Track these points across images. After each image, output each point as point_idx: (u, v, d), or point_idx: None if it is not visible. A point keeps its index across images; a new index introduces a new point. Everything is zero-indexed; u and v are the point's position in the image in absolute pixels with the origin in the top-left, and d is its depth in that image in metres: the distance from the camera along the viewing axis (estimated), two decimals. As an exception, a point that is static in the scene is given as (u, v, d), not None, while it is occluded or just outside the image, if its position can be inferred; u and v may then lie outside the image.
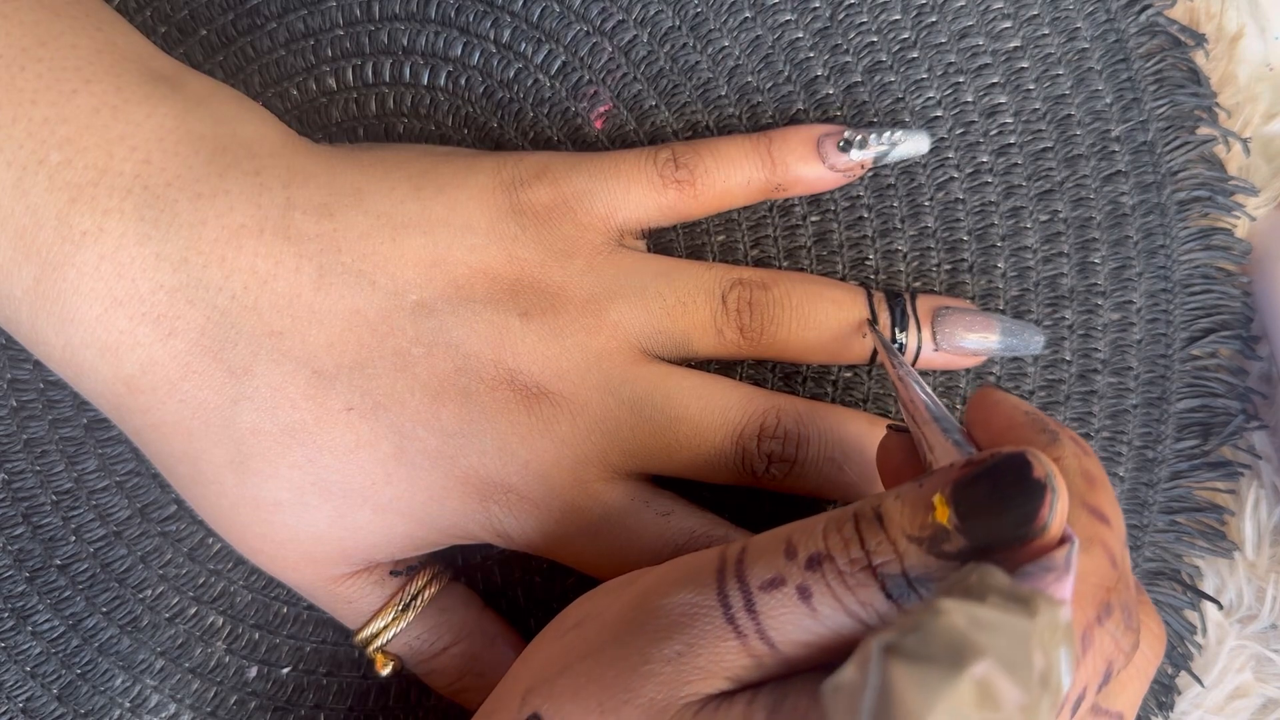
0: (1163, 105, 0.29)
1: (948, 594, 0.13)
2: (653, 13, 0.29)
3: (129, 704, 0.29)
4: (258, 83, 0.29)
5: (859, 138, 0.27)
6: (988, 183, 0.29)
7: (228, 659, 0.29)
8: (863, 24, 0.29)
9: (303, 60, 0.29)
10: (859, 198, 0.29)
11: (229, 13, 0.29)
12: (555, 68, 0.29)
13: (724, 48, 0.29)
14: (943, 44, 0.29)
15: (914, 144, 0.28)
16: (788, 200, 0.29)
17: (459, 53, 0.29)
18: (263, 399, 0.23)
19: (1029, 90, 0.29)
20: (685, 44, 0.29)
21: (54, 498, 0.29)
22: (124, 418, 0.24)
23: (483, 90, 0.29)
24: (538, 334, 0.25)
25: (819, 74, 0.29)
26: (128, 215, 0.22)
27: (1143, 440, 0.30)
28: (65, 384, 0.28)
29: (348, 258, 0.24)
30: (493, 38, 0.29)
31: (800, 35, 0.29)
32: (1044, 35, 0.29)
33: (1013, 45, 0.29)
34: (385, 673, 0.27)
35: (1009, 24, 0.29)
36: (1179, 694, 0.30)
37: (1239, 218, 0.30)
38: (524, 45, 0.29)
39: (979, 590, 0.13)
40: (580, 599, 0.22)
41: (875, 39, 0.29)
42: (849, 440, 0.27)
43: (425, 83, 0.29)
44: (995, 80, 0.29)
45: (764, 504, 0.29)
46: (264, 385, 0.23)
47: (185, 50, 0.29)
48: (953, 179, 0.29)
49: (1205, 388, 0.30)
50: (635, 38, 0.29)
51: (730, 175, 0.27)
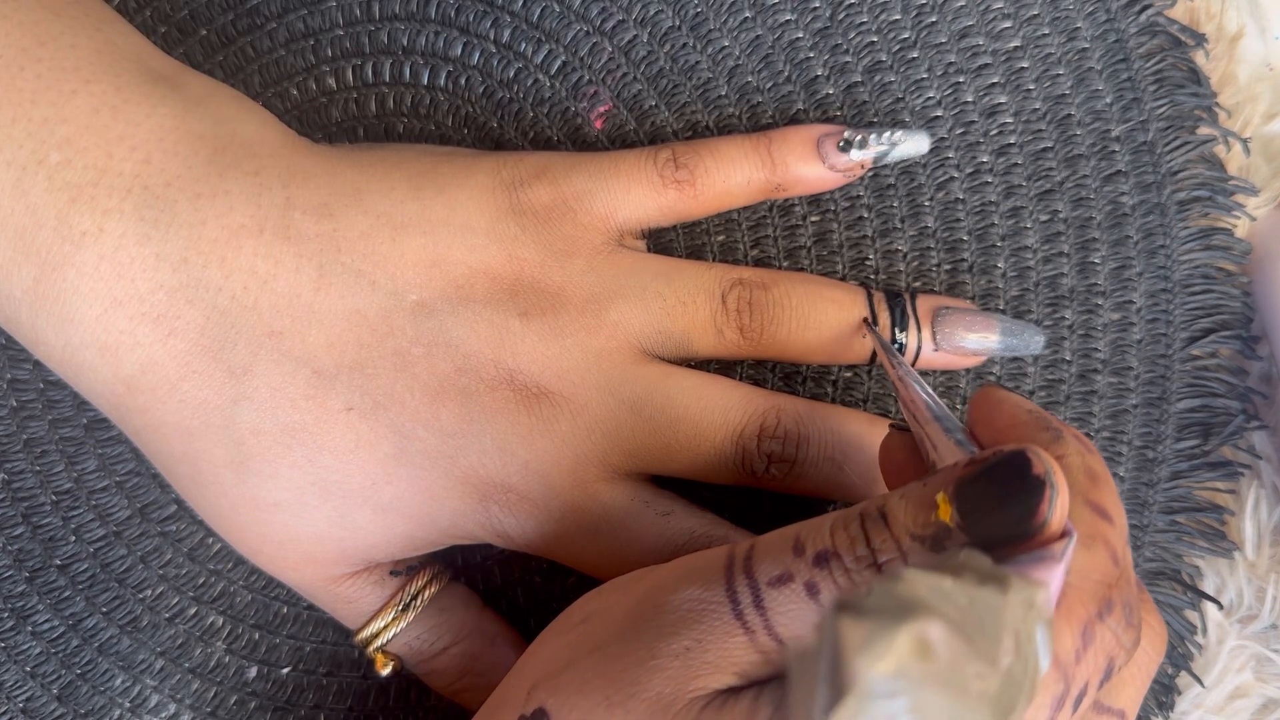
0: (1163, 105, 0.29)
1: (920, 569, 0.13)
2: (653, 13, 0.29)
3: (129, 704, 0.29)
4: (258, 83, 0.29)
5: (859, 138, 0.27)
6: (988, 183, 0.29)
7: (227, 659, 0.29)
8: (863, 24, 0.29)
9: (302, 60, 0.29)
10: (859, 198, 0.29)
11: (229, 13, 0.29)
12: (555, 68, 0.29)
13: (724, 48, 0.29)
14: (943, 44, 0.29)
15: (914, 144, 0.28)
16: (788, 200, 0.29)
17: (459, 53, 0.29)
18: (262, 399, 0.23)
19: (1029, 90, 0.29)
20: (685, 44, 0.29)
21: (54, 498, 0.29)
22: (124, 418, 0.24)
23: (483, 90, 0.29)
24: (538, 334, 0.25)
25: (819, 74, 0.29)
26: (127, 215, 0.22)
27: (1143, 440, 0.30)
28: (65, 384, 0.28)
29: (347, 258, 0.24)
30: (493, 38, 0.29)
31: (800, 35, 0.29)
32: (1044, 35, 0.29)
33: (1013, 45, 0.29)
34: (385, 673, 0.27)
35: (1009, 24, 0.29)
36: (1179, 694, 0.30)
37: (1239, 218, 0.30)
38: (524, 45, 0.29)
39: (956, 569, 0.13)
40: (587, 595, 0.22)
41: (875, 39, 0.29)
42: (849, 440, 0.27)
43: (425, 83, 0.29)
44: (995, 80, 0.29)
45: (764, 504, 0.29)
46: (264, 385, 0.23)
47: (185, 50, 0.29)
48: (953, 179, 0.29)
49: (1205, 388, 0.30)
50: (635, 38, 0.29)
51: (730, 175, 0.27)
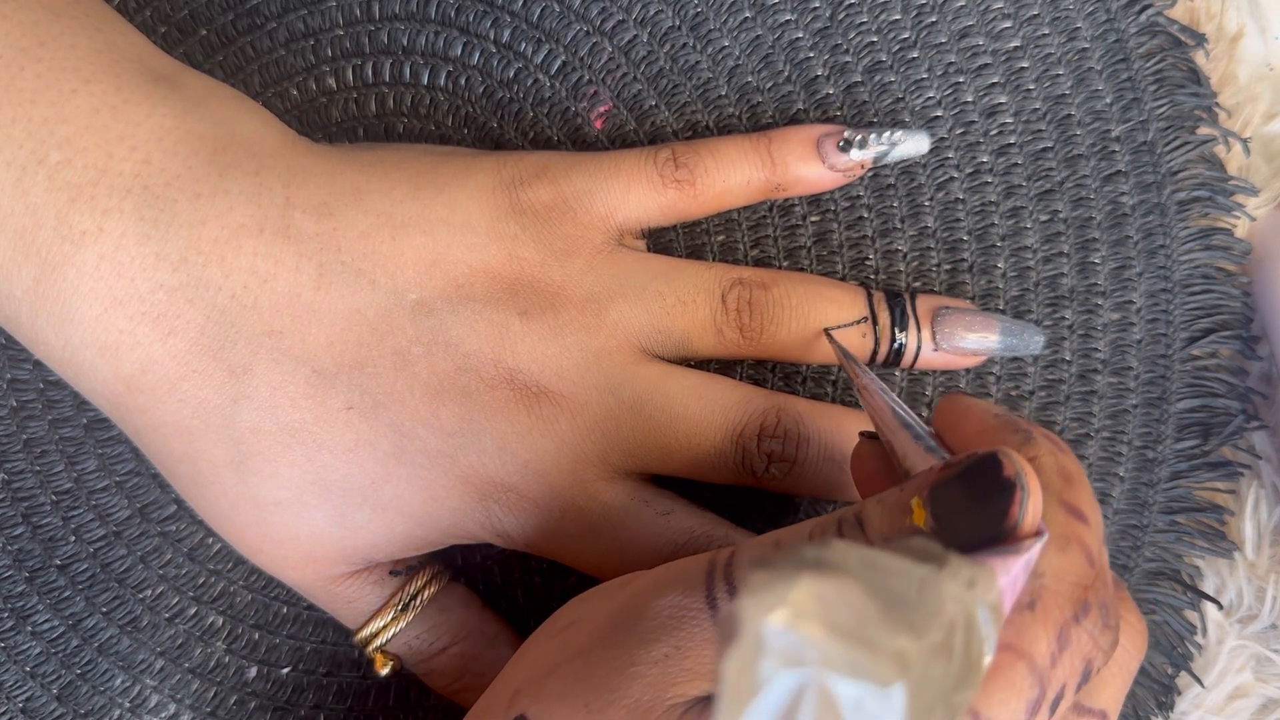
0: (1163, 105, 0.29)
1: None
2: (653, 12, 0.29)
3: (129, 704, 0.29)
4: (258, 82, 0.29)
5: (859, 138, 0.27)
6: (988, 183, 0.29)
7: (227, 659, 0.29)
8: (863, 24, 0.29)
9: (303, 60, 0.29)
10: (859, 198, 0.29)
11: (229, 12, 0.29)
12: (555, 68, 0.29)
13: (724, 47, 0.29)
14: (943, 44, 0.29)
15: (914, 144, 0.28)
16: (787, 200, 0.29)
17: (459, 53, 0.29)
18: (262, 398, 0.23)
19: (1029, 90, 0.29)
20: (685, 44, 0.29)
21: (54, 498, 0.29)
22: (123, 417, 0.24)
23: (483, 90, 0.29)
24: (537, 333, 0.25)
25: (819, 74, 0.29)
26: (127, 215, 0.22)
27: (1143, 440, 0.30)
28: (65, 384, 0.28)
29: (347, 257, 0.24)
30: (493, 38, 0.29)
31: (800, 35, 0.29)
32: (1044, 35, 0.29)
33: (1013, 45, 0.29)
34: (384, 672, 0.27)
35: (1009, 24, 0.29)
36: (1179, 694, 0.30)
37: (1239, 218, 0.30)
38: (524, 45, 0.29)
39: (900, 549, 0.13)
40: (572, 601, 0.22)
41: (875, 39, 0.29)
42: (849, 440, 0.27)
43: (425, 83, 0.29)
44: (995, 80, 0.29)
45: (764, 504, 0.29)
46: (264, 384, 0.23)
47: (185, 50, 0.29)
48: (953, 179, 0.29)
49: (1205, 388, 0.30)
50: (635, 37, 0.29)
51: (730, 175, 0.27)
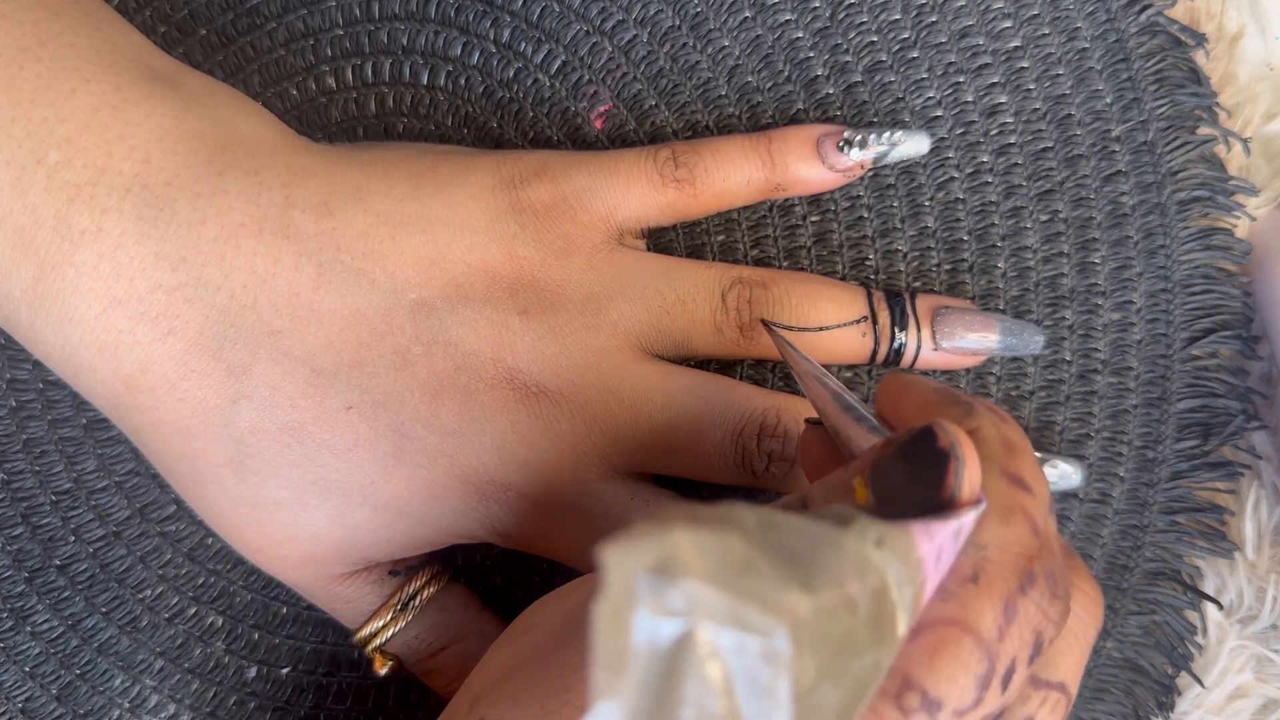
0: (1163, 105, 0.29)
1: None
2: (653, 12, 0.29)
3: (128, 704, 0.29)
4: (257, 82, 0.29)
5: (859, 138, 0.27)
6: (988, 183, 0.29)
7: (227, 659, 0.29)
8: (863, 23, 0.29)
9: (302, 60, 0.29)
10: (859, 197, 0.29)
11: (228, 12, 0.29)
12: (555, 67, 0.29)
13: (724, 47, 0.29)
14: (943, 44, 0.29)
15: (914, 144, 0.28)
16: (787, 200, 0.29)
17: (459, 52, 0.29)
18: (262, 398, 0.23)
19: (1029, 90, 0.29)
20: (685, 43, 0.29)
21: (53, 498, 0.29)
22: (123, 417, 0.24)
23: (482, 90, 0.29)
24: (537, 333, 0.25)
25: (819, 74, 0.29)
26: (126, 214, 0.22)
27: (1143, 440, 0.29)
28: (64, 384, 0.28)
29: (347, 256, 0.24)
30: (492, 37, 0.29)
31: (800, 35, 0.29)
32: (1044, 35, 0.29)
33: (1013, 45, 0.29)
34: (383, 673, 0.27)
35: (1009, 23, 0.29)
36: (1179, 694, 0.30)
37: (1239, 218, 0.30)
38: (524, 45, 0.29)
39: (815, 515, 0.13)
40: (533, 605, 0.22)
41: (875, 39, 0.29)
42: (849, 440, 0.26)
43: (425, 82, 0.29)
44: (995, 80, 0.29)
45: (764, 504, 0.29)
46: (263, 384, 0.23)
47: (185, 50, 0.29)
48: (953, 179, 0.29)
49: (1206, 388, 0.30)
50: (635, 37, 0.29)
51: (730, 175, 0.27)
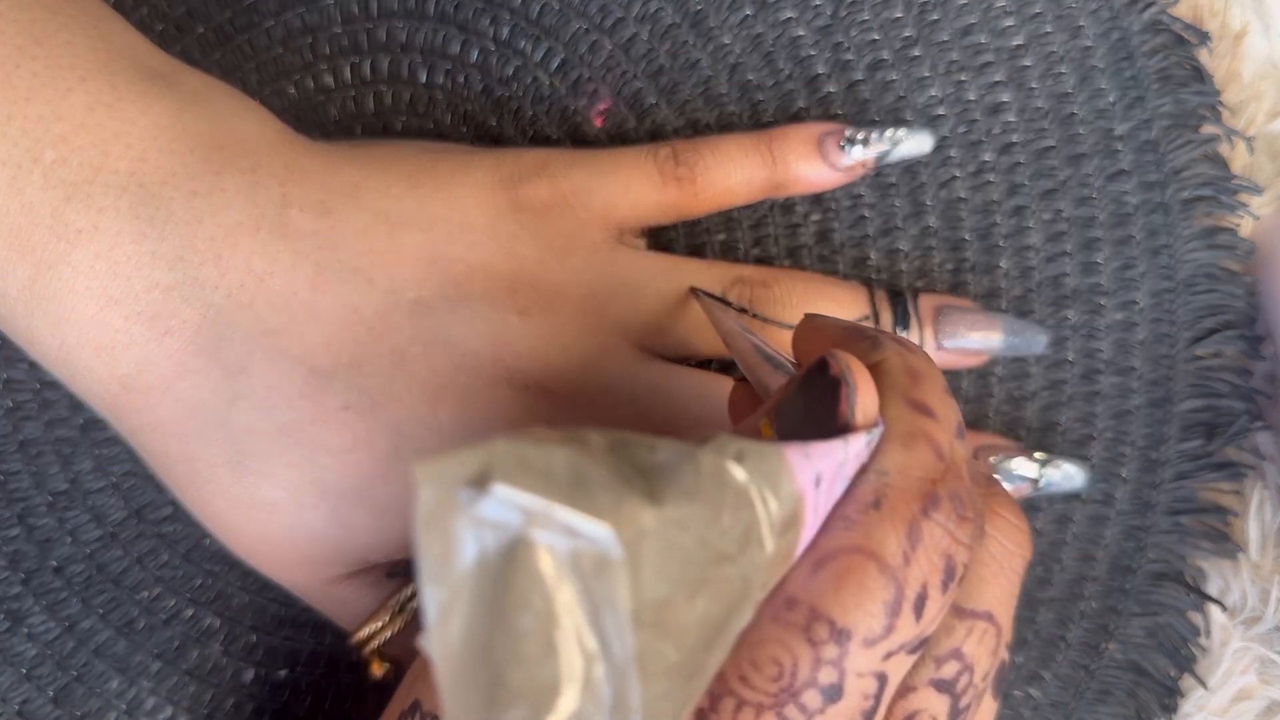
0: (1166, 103, 0.29)
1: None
2: (653, 9, 0.29)
3: (125, 707, 0.29)
4: (255, 80, 0.29)
5: (861, 136, 0.27)
6: (991, 181, 0.29)
7: (224, 661, 0.29)
8: (865, 21, 0.29)
9: (300, 58, 0.29)
10: (861, 196, 0.29)
11: (226, 10, 0.29)
12: (554, 65, 0.29)
13: (725, 45, 0.29)
14: (945, 41, 0.29)
15: (916, 143, 0.28)
16: (789, 199, 0.29)
17: (457, 50, 0.29)
18: (259, 398, 0.23)
19: (1032, 88, 0.29)
20: (686, 41, 0.29)
21: (49, 499, 0.29)
22: (119, 417, 0.24)
23: (481, 88, 0.29)
24: (536, 332, 0.25)
25: (821, 72, 0.29)
26: (123, 213, 0.22)
27: (1146, 441, 0.29)
28: (61, 384, 0.28)
29: (345, 255, 0.24)
30: (491, 35, 0.29)
31: (802, 32, 0.29)
32: (1047, 33, 0.29)
33: (1016, 43, 0.29)
34: (380, 675, 0.27)
35: (1012, 21, 0.29)
36: (1182, 696, 0.30)
37: (1243, 217, 0.30)
38: (523, 42, 0.29)
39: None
40: None
41: (878, 36, 0.29)
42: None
43: (423, 80, 0.29)
44: (998, 78, 0.29)
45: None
46: (260, 384, 0.23)
47: (182, 48, 0.29)
48: (955, 178, 0.29)
49: (1210, 388, 0.29)
50: (635, 35, 0.29)
51: (731, 173, 0.27)
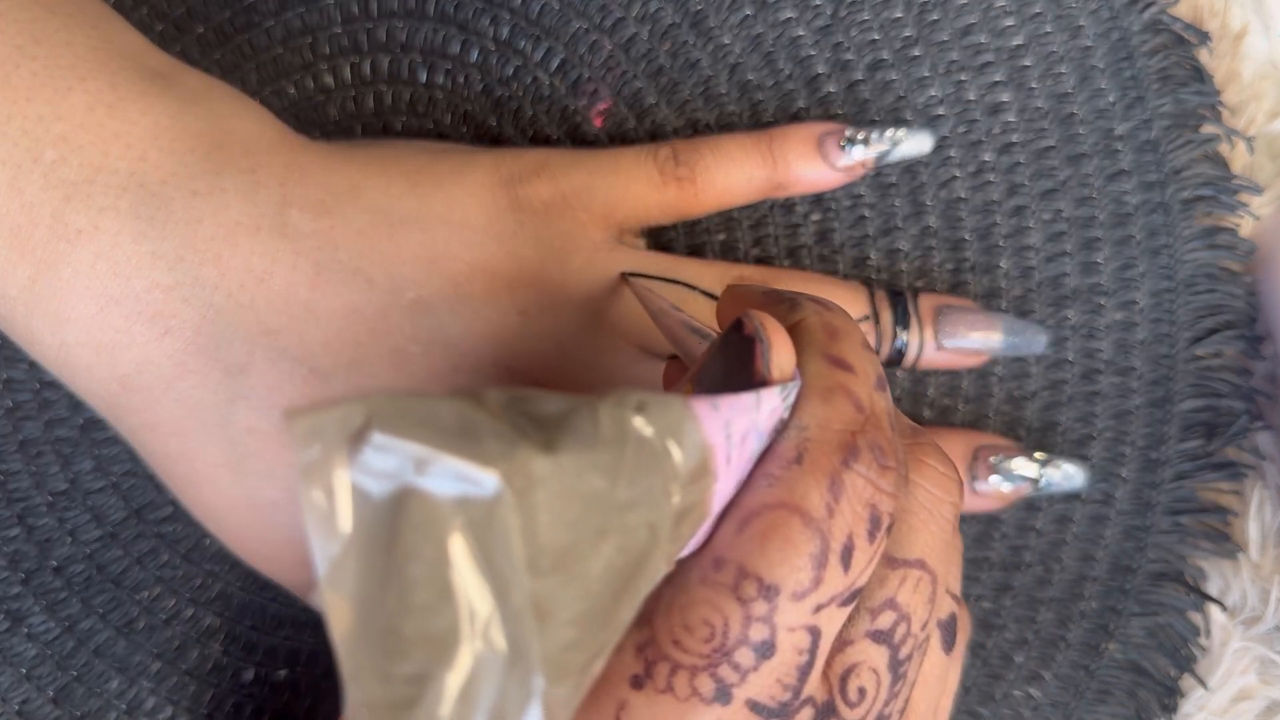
0: (1166, 103, 0.29)
1: None
2: (653, 9, 0.29)
3: (125, 707, 0.29)
4: (255, 80, 0.29)
5: (861, 136, 0.27)
6: (991, 181, 0.29)
7: (224, 661, 0.29)
8: (865, 21, 0.29)
9: (300, 57, 0.29)
10: (861, 196, 0.29)
11: (226, 10, 0.29)
12: (554, 65, 0.29)
13: (725, 45, 0.29)
14: (945, 41, 0.29)
15: (916, 142, 0.28)
16: (789, 198, 0.29)
17: (457, 50, 0.29)
18: (259, 397, 0.23)
19: (1032, 88, 0.29)
20: (686, 41, 0.29)
21: (49, 499, 0.29)
22: (119, 417, 0.24)
23: (481, 88, 0.29)
24: (536, 332, 0.25)
25: (821, 71, 0.29)
26: (123, 213, 0.22)
27: (1146, 441, 0.29)
28: (61, 384, 0.28)
29: (345, 255, 0.24)
30: (491, 35, 0.29)
31: (802, 32, 0.29)
32: (1047, 33, 0.29)
33: (1016, 43, 0.29)
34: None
35: (1012, 21, 0.29)
36: (1183, 696, 0.30)
37: (1243, 217, 0.30)
38: (523, 42, 0.29)
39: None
40: None
41: (877, 36, 0.29)
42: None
43: (423, 80, 0.29)
44: (998, 78, 0.29)
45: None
46: (260, 384, 0.23)
47: (182, 47, 0.29)
48: (955, 178, 0.29)
49: (1210, 388, 0.29)
50: (635, 35, 0.29)
51: (731, 173, 0.27)
